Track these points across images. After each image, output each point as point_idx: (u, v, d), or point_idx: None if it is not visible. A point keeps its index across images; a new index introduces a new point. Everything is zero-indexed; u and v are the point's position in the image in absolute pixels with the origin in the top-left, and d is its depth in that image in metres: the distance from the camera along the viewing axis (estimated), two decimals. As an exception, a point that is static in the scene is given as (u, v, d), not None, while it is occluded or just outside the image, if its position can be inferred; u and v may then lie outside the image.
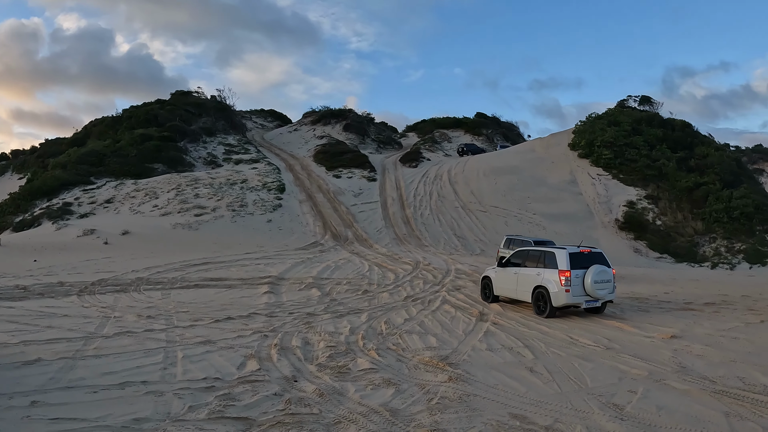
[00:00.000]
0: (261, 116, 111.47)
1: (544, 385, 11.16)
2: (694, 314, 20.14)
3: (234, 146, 78.67)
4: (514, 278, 21.04)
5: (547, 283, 19.33)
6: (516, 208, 57.36)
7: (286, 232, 47.58)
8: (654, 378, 11.67)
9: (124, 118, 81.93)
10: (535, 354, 13.66)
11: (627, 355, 13.56)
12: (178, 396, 10.11)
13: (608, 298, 19.68)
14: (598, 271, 19.20)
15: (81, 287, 23.04)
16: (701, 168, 62.42)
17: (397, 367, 12.35)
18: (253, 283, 25.26)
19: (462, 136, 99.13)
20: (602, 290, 19.26)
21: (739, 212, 53.79)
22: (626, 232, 54.69)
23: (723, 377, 11.81)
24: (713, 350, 14.24)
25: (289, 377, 11.41)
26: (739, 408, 9.90)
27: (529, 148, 78.30)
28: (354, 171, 70.72)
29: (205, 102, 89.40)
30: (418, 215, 55.00)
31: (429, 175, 68.63)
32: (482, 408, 9.67)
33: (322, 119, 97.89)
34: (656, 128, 70.91)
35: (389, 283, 26.64)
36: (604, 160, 66.99)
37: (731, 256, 49.97)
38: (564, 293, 18.81)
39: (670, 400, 10.25)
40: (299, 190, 60.97)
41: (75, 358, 12.39)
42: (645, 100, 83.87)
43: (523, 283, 20.51)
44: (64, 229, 45.61)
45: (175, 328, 15.87)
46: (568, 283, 18.81)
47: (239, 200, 53.72)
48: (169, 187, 56.83)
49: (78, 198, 54.74)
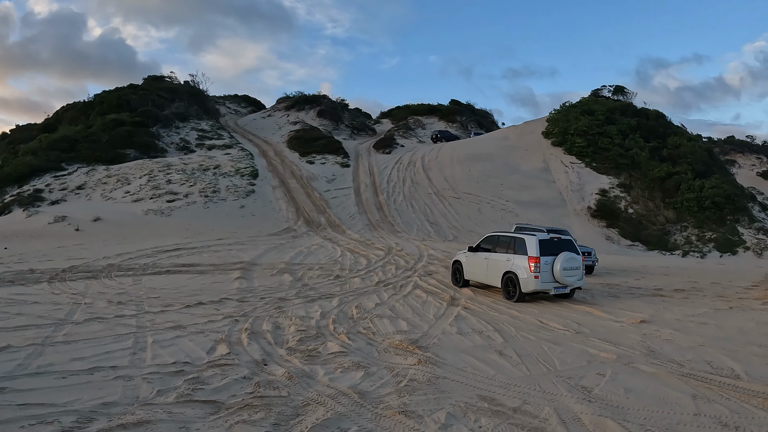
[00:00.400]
0: (235, 102, 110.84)
1: (513, 368, 11.21)
2: (664, 300, 20.33)
3: (207, 132, 78.18)
4: (485, 263, 21.19)
5: (516, 269, 19.51)
6: (489, 195, 57.52)
7: (259, 217, 47.42)
8: (622, 361, 11.76)
9: (96, 103, 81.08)
10: (504, 338, 13.72)
11: (596, 339, 13.66)
12: (147, 380, 10.05)
13: (577, 284, 19.93)
14: (568, 258, 19.38)
15: (52, 274, 22.83)
16: (674, 158, 62.92)
17: (367, 351, 12.36)
18: (225, 269, 25.16)
19: (436, 123, 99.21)
20: (571, 277, 19.47)
21: (710, 202, 54.33)
22: (598, 220, 55.04)
23: (691, 361, 11.92)
24: (682, 335, 14.37)
25: (259, 361, 11.38)
26: (706, 391, 9.99)
27: (503, 136, 78.51)
28: (327, 157, 70.59)
29: (178, 87, 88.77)
30: (392, 201, 55.01)
31: (403, 162, 68.63)
32: (451, 390, 9.70)
33: (296, 105, 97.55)
34: (630, 118, 71.36)
35: (361, 268, 26.64)
36: (577, 148, 67.33)
37: (702, 245, 50.46)
38: (533, 279, 19.01)
39: (638, 383, 10.33)
40: (272, 175, 60.74)
41: (44, 345, 12.28)
42: (619, 89, 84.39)
43: (493, 268, 20.66)
44: (35, 216, 45.16)
45: (146, 313, 15.77)
46: (537, 270, 18.99)
47: (212, 186, 53.43)
48: (141, 173, 56.41)
49: (49, 184, 54.20)
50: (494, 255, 20.96)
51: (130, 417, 8.45)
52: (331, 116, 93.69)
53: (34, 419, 8.30)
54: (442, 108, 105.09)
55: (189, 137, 75.40)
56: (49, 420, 8.29)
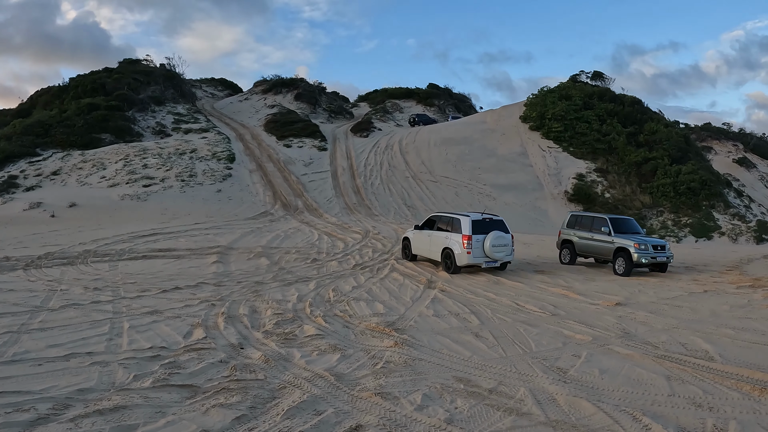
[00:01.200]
0: (211, 85, 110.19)
1: (489, 349, 11.27)
2: (639, 283, 20.48)
3: (183, 115, 77.72)
4: (428, 240, 23.64)
5: (452, 245, 22.04)
6: (466, 178, 57.66)
7: (236, 201, 47.28)
8: (598, 343, 11.85)
9: (71, 87, 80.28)
10: (481, 320, 13.78)
11: (572, 321, 13.76)
12: (123, 366, 10.02)
13: (506, 259, 22.42)
14: (497, 236, 21.92)
15: (27, 261, 22.65)
16: (650, 143, 63.30)
17: (344, 333, 12.38)
18: (201, 253, 25.08)
19: (414, 107, 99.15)
20: (499, 253, 22.02)
21: (685, 187, 54.80)
22: (575, 204, 55.36)
23: (665, 343, 12.03)
24: (656, 317, 14.50)
25: (236, 345, 11.38)
26: (680, 372, 10.09)
27: (481, 120, 78.57)
28: (305, 140, 70.41)
29: (154, 70, 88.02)
30: (369, 185, 55.01)
31: (380, 145, 68.59)
32: (427, 372, 9.74)
33: (273, 88, 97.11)
34: (607, 103, 71.64)
35: (338, 251, 26.65)
36: (554, 133, 67.59)
37: (678, 230, 50.91)
38: (465, 255, 21.54)
39: (612, 364, 10.42)
40: (249, 159, 60.54)
41: (20, 332, 12.19)
42: (597, 75, 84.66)
43: (435, 244, 23.13)
44: (10, 202, 44.79)
45: (122, 299, 15.70)
46: (470, 246, 21.55)
47: (188, 170, 53.20)
48: (117, 157, 56.02)
49: (24, 170, 53.69)
50: (436, 233, 23.37)
51: (107, 402, 8.43)
52: (309, 100, 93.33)
53: (10, 407, 8.26)
54: (420, 92, 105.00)
55: (165, 121, 74.91)
56: (25, 407, 8.25)
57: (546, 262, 25.30)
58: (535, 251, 29.72)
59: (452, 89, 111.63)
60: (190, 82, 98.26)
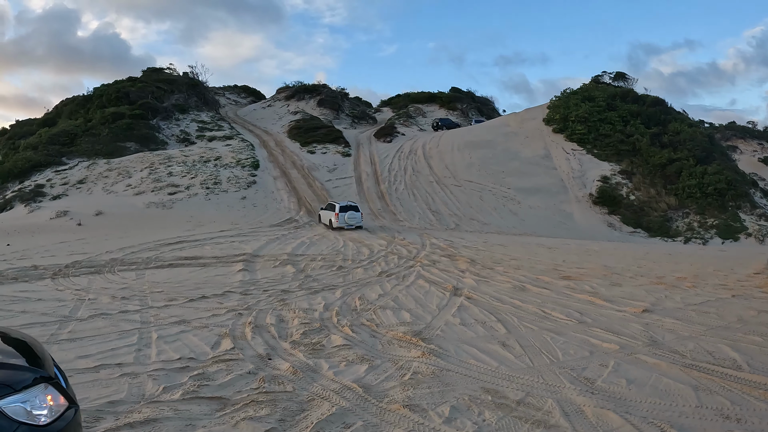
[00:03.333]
0: (234, 92, 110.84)
1: (516, 359, 11.24)
2: (666, 288, 20.33)
3: (207, 123, 78.20)
4: (325, 213, 42.86)
5: (332, 216, 40.81)
6: (490, 182, 57.59)
7: (261, 208, 47.53)
8: (625, 352, 11.78)
9: (95, 96, 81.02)
10: (507, 328, 13.74)
11: (598, 329, 13.68)
12: (153, 377, 10.08)
13: (357, 225, 40.90)
14: (351, 214, 40.68)
15: (55, 270, 22.88)
16: (674, 144, 62.90)
17: (371, 343, 12.40)
18: (227, 261, 25.21)
19: (437, 111, 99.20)
20: (352, 221, 40.53)
21: (712, 188, 54.40)
22: (600, 207, 55.11)
23: (692, 351, 11.94)
24: (684, 324, 14.39)
25: (263, 355, 11.42)
26: (708, 382, 10.02)
27: (504, 123, 78.48)
28: (328, 146, 70.66)
29: (177, 79, 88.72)
30: (393, 190, 55.10)
31: (403, 150, 68.65)
32: (454, 383, 9.74)
33: (296, 95, 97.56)
34: (630, 104, 71.38)
35: (364, 258, 26.70)
36: (578, 135, 67.37)
37: (704, 231, 50.53)
38: (336, 221, 40.32)
39: (640, 374, 10.36)
40: (273, 166, 60.81)
41: (49, 342, 12.29)
42: (619, 75, 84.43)
43: (326, 216, 42.29)
44: (37, 211, 45.30)
45: (150, 308, 15.82)
46: (337, 219, 40.28)
47: (213, 178, 53.54)
48: (142, 165, 56.48)
49: (50, 179, 54.26)
50: (327, 210, 42.50)
51: (137, 415, 8.50)
52: (332, 105, 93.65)
53: (42, 418, 8.33)
54: (443, 96, 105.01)
55: (189, 129, 75.42)
56: (56, 419, 8.32)
57: (571, 268, 25.16)
58: (560, 255, 29.58)
59: (475, 93, 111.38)
60: (213, 90, 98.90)
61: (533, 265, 25.58)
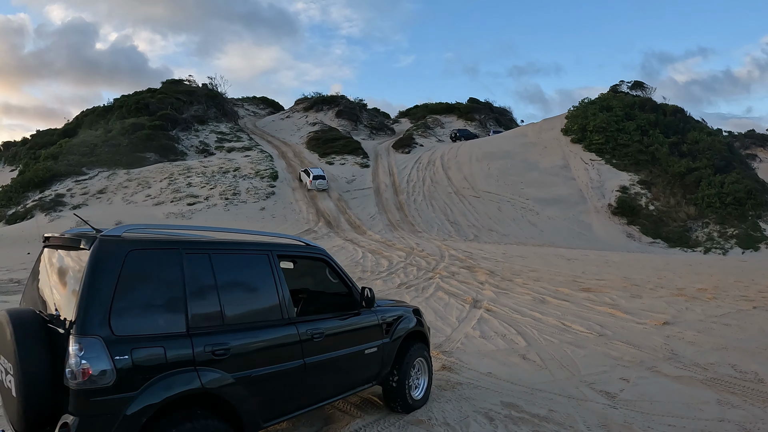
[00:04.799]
0: (253, 103, 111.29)
1: (537, 372, 11.21)
2: (686, 300, 20.24)
3: (226, 134, 78.60)
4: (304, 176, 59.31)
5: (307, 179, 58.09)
6: (509, 193, 57.54)
7: (280, 219, 47.64)
8: (646, 365, 11.73)
9: (115, 107, 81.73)
10: (527, 341, 13.71)
11: (619, 342, 13.63)
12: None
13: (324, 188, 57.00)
14: (320, 181, 57.77)
15: (75, 279, 22.97)
16: (693, 153, 62.68)
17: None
18: (246, 273, 25.21)
19: (455, 122, 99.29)
20: (321, 186, 56.54)
21: (731, 197, 54.10)
22: (619, 217, 54.97)
23: (714, 364, 11.87)
24: (705, 337, 14.32)
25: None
26: (730, 396, 9.96)
27: (522, 133, 78.44)
28: (347, 157, 70.89)
29: (196, 90, 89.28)
30: (411, 201, 55.13)
31: (422, 161, 68.72)
32: (475, 396, 9.71)
33: (315, 106, 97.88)
34: (648, 113, 71.18)
35: (383, 269, 26.69)
36: (596, 145, 67.27)
37: (724, 241, 50.27)
38: (309, 184, 57.29)
39: (661, 388, 10.30)
40: (292, 177, 61.03)
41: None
42: (637, 85, 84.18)
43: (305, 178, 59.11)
44: (58, 220, 45.60)
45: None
46: (310, 183, 57.41)
47: (232, 188, 53.76)
48: (161, 176, 56.79)
49: (70, 189, 54.64)
50: (305, 174, 58.95)
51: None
52: (350, 116, 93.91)
53: None
54: (461, 106, 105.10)
55: (208, 140, 75.82)
56: None
57: (590, 279, 25.10)
58: (580, 267, 29.51)
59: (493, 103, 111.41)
60: (232, 101, 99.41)
61: (553, 276, 25.52)
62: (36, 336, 5.32)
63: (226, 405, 5.88)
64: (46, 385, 5.17)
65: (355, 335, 8.07)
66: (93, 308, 5.12)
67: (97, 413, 4.99)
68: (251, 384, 6.13)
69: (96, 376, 4.96)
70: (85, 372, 4.93)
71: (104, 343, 5.06)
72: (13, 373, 5.26)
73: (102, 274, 5.27)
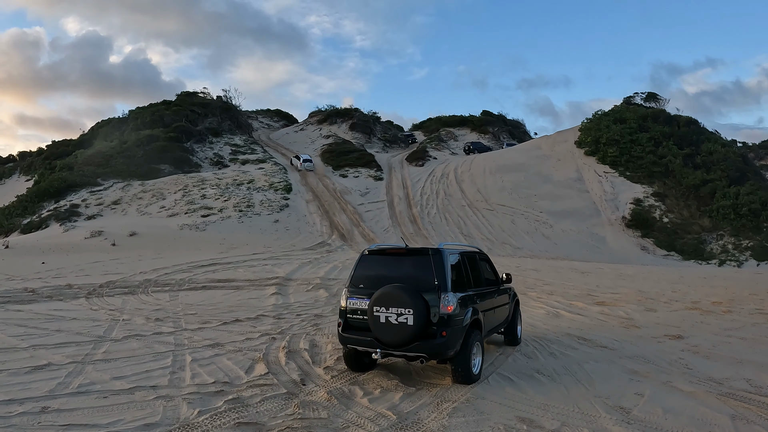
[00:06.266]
0: (267, 116, 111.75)
1: (552, 387, 11.17)
2: (702, 314, 20.13)
3: (240, 146, 78.89)
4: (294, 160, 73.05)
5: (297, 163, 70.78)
6: (522, 205, 57.43)
7: (293, 232, 47.72)
8: (660, 380, 11.67)
9: (131, 119, 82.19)
10: (543, 356, 13.67)
11: (634, 356, 13.57)
12: (188, 401, 10.08)
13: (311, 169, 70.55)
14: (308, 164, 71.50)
15: (89, 289, 23.12)
16: (707, 164, 62.41)
17: (405, 369, 12.35)
18: (260, 285, 25.33)
19: (468, 134, 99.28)
20: (309, 168, 70.15)
21: (746, 209, 53.80)
22: (633, 230, 54.75)
23: (729, 379, 11.81)
24: (720, 351, 14.24)
25: (298, 381, 11.42)
26: (745, 411, 9.89)
27: (535, 146, 78.33)
28: (360, 170, 71.00)
29: (211, 102, 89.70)
30: (425, 214, 55.11)
31: (435, 174, 68.73)
32: (490, 411, 9.68)
33: (329, 118, 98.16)
34: (662, 125, 70.93)
35: (396, 283, 26.60)
36: (610, 157, 67.08)
37: (738, 253, 49.98)
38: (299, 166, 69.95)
39: (676, 402, 10.24)
40: (306, 189, 61.14)
41: (84, 363, 12.40)
42: (651, 96, 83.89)
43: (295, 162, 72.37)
44: (72, 230, 45.83)
45: (183, 330, 15.91)
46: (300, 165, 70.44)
47: (246, 201, 53.91)
48: (176, 188, 57.01)
49: (85, 199, 54.95)
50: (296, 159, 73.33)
51: (173, 440, 8.54)
52: (364, 129, 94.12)
53: (80, 441, 8.41)
54: (474, 119, 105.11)
55: (222, 152, 76.12)
56: (94, 442, 8.40)
57: (605, 293, 24.99)
58: (594, 280, 29.41)
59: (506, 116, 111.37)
60: (246, 114, 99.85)
61: (566, 290, 25.45)
62: (419, 296, 10.76)
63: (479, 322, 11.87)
64: (425, 319, 10.68)
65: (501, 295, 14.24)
66: (446, 279, 11.02)
67: (455, 326, 10.86)
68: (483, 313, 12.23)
69: (454, 309, 10.85)
70: (448, 307, 10.79)
71: (453, 294, 11.02)
72: (411, 314, 10.61)
73: (444, 264, 11.19)
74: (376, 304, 10.93)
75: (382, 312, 10.83)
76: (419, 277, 11.10)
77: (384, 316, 10.80)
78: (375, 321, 10.95)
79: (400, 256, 11.87)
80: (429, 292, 10.82)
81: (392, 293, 10.77)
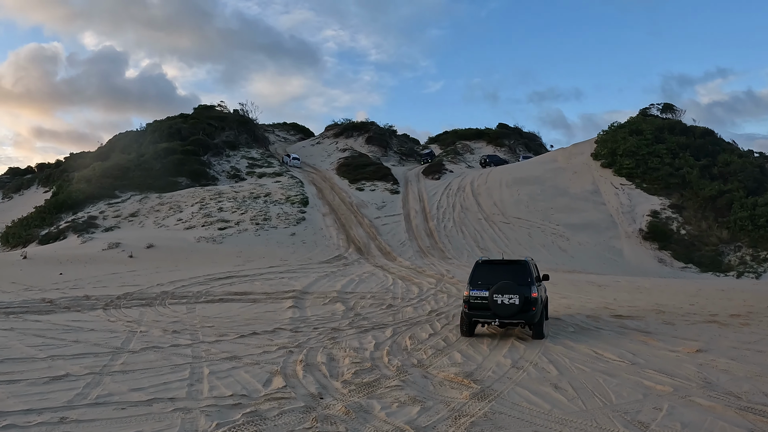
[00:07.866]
0: (283, 129, 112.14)
1: (569, 402, 11.11)
2: (720, 327, 20.02)
3: (257, 160, 79.20)
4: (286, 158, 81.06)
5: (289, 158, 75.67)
6: (539, 219, 57.27)
7: (310, 245, 47.79)
8: (679, 394, 11.60)
9: (148, 132, 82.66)
10: (559, 370, 13.62)
11: (652, 371, 13.50)
12: (206, 413, 10.11)
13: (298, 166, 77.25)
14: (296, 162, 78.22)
15: (107, 301, 23.28)
16: (725, 175, 62.07)
17: (423, 384, 12.34)
18: (277, 298, 25.38)
19: (484, 147, 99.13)
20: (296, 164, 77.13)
21: (764, 219, 53.43)
22: (650, 242, 54.44)
23: (748, 393, 11.73)
24: (738, 364, 14.15)
25: (315, 394, 11.44)
26: (763, 425, 9.83)
27: (552, 158, 78.16)
28: (377, 183, 71.02)
29: (228, 116, 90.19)
30: (442, 227, 55.07)
31: (452, 187, 68.68)
32: (507, 426, 9.67)
33: (345, 132, 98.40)
34: (678, 136, 70.64)
35: (413, 297, 26.68)
36: (626, 169, 66.80)
37: (757, 265, 49.63)
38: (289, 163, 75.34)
39: (694, 417, 10.18)
40: (322, 203, 61.24)
41: (102, 374, 12.49)
42: (667, 107, 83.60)
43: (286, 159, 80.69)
44: (90, 242, 46.09)
45: (201, 343, 15.98)
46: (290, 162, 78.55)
47: (263, 214, 54.06)
48: (193, 200, 57.27)
49: (103, 211, 55.29)
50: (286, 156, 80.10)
51: (192, 453, 8.57)
52: (380, 143, 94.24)
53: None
54: (490, 132, 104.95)
55: (239, 165, 76.43)
56: (113, 454, 8.44)
57: (622, 306, 24.89)
58: (611, 294, 29.30)
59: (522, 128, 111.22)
60: (263, 127, 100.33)
61: (584, 303, 25.38)
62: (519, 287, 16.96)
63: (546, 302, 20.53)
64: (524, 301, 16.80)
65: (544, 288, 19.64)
66: (531, 278, 17.47)
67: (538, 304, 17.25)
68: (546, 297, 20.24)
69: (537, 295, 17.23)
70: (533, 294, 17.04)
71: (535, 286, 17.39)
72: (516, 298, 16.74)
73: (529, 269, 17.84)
74: (496, 293, 16.85)
75: (499, 297, 16.81)
76: (515, 277, 17.44)
77: (500, 300, 16.82)
78: (494, 303, 16.84)
79: (501, 265, 18.39)
80: (523, 285, 17.11)
81: (506, 286, 16.92)
